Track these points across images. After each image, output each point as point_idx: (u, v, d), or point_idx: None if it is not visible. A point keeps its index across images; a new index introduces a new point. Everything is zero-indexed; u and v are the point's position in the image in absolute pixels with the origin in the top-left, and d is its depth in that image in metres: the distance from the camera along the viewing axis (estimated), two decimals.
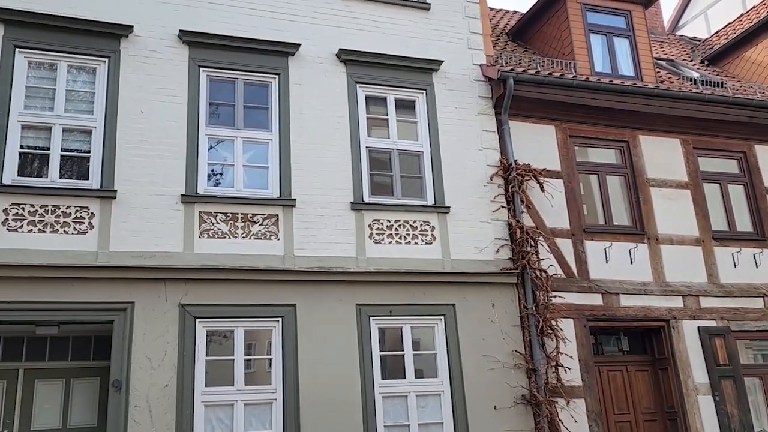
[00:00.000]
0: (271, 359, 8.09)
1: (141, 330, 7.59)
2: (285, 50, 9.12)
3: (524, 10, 14.14)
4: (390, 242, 8.94)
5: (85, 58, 8.37)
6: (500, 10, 15.14)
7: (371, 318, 8.51)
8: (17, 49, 8.11)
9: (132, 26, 8.52)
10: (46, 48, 8.23)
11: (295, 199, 8.60)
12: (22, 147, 7.90)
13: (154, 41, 8.63)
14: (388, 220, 9.02)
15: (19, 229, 7.54)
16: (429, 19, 10.17)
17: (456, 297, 8.96)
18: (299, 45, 9.17)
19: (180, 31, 8.69)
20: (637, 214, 10.43)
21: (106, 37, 8.42)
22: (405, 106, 9.68)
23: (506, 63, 10.74)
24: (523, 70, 10.09)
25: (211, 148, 8.61)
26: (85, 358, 8.50)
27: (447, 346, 8.77)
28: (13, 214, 7.56)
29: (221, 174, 8.66)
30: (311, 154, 8.89)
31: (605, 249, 9.94)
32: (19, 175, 7.77)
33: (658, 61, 13.11)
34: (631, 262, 10.03)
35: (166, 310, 7.72)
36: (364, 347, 8.37)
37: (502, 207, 9.58)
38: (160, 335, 7.63)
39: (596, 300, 9.67)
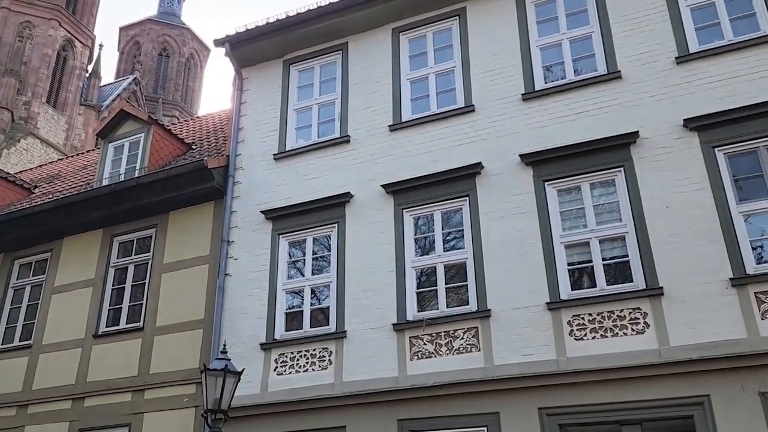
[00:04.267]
0: None
1: (723, 423, 7.32)
2: None
3: None
4: None
5: (601, 173, 9.10)
6: None
7: None
8: (546, 183, 9.31)
9: (637, 131, 8.96)
10: (568, 174, 9.25)
11: None
12: (568, 264, 8.86)
13: (662, 138, 8.85)
14: None
15: (583, 338, 8.30)
16: None
17: None
18: None
19: (684, 120, 8.76)
20: None
21: (617, 149, 9.03)
22: None
23: None
24: None
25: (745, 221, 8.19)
26: None
27: None
28: (576, 325, 8.40)
29: (762, 248, 8.11)
30: None
31: None
32: (572, 289, 8.68)
33: None
34: None
35: (746, 401, 7.31)
36: None
37: None
38: (744, 428, 7.22)
39: None
